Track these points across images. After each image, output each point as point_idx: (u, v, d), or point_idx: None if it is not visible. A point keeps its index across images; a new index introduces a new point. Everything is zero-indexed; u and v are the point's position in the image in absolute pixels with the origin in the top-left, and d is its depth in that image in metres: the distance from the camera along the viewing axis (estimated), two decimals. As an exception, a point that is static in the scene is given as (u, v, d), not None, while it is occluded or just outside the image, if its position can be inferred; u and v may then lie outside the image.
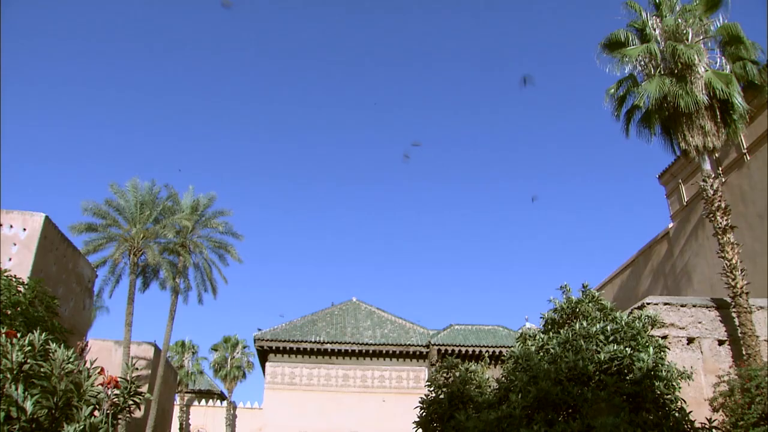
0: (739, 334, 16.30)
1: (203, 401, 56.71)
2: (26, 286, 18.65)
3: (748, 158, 23.05)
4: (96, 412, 4.71)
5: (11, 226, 24.00)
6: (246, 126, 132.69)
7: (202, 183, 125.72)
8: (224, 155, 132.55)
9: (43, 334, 4.89)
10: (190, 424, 54.37)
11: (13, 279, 18.43)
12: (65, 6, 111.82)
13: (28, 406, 4.01)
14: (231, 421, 53.53)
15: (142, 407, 33.04)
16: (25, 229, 24.16)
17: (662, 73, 19.14)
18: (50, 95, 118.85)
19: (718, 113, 18.67)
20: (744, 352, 15.91)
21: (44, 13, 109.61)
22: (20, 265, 22.72)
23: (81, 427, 4.14)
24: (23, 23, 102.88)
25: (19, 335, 4.76)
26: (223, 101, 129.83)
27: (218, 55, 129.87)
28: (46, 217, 24.75)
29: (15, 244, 23.75)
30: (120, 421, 5.17)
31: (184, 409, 54.39)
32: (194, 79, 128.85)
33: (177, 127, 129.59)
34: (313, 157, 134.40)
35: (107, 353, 33.49)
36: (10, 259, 23.07)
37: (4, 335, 4.61)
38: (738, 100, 18.39)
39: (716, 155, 20.22)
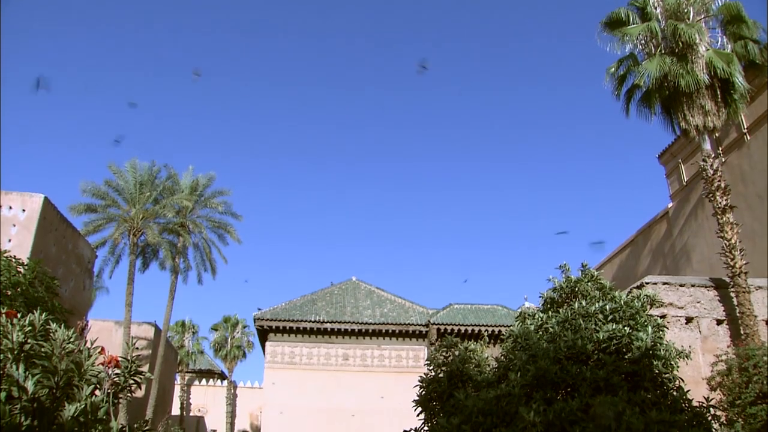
0: (738, 314, 16.36)
1: (204, 381, 57.03)
2: (26, 267, 18.67)
3: (749, 138, 23.00)
4: (97, 392, 4.73)
5: (10, 207, 23.98)
6: (245, 106, 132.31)
7: (201, 163, 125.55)
8: (223, 135, 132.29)
9: (44, 314, 4.89)
10: (191, 404, 54.73)
11: (13, 260, 18.44)
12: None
13: (30, 385, 4.02)
14: (231, 401, 53.87)
15: (143, 387, 33.29)
16: (24, 210, 24.13)
17: (663, 52, 19.05)
18: (48, 76, 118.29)
19: (718, 93, 18.61)
20: (742, 332, 15.98)
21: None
22: (20, 246, 22.73)
23: (82, 406, 4.16)
24: (22, 2, 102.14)
25: (19, 315, 4.77)
26: (222, 81, 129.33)
27: (215, 32, 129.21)
28: (45, 198, 24.73)
29: (14, 225, 23.75)
30: (121, 400, 5.20)
31: (185, 388, 54.71)
32: (192, 57, 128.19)
33: (176, 107, 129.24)
34: (311, 138, 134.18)
35: (108, 333, 33.63)
36: (9, 240, 23.07)
37: (4, 315, 4.62)
38: (739, 79, 18.32)
39: (716, 135, 20.19)
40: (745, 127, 23.01)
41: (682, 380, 10.72)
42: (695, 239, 25.96)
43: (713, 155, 18.43)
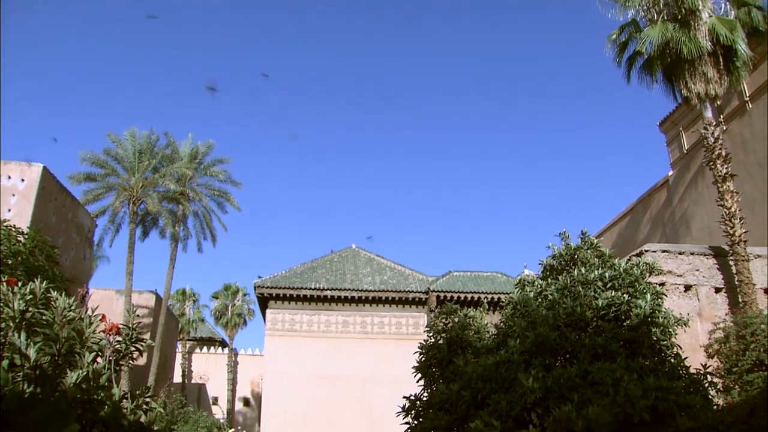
0: (736, 282, 16.41)
1: (205, 348, 57.40)
2: (26, 236, 18.64)
3: (750, 106, 22.87)
4: (98, 359, 4.76)
5: (9, 177, 23.89)
6: (244, 74, 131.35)
7: (200, 130, 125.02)
8: (222, 102, 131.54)
9: (44, 283, 4.90)
10: (192, 371, 55.16)
11: (13, 229, 18.40)
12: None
13: (32, 353, 4.04)
14: (232, 368, 54.30)
15: (145, 355, 33.54)
16: (23, 180, 24.05)
17: (665, 18, 18.85)
18: (46, 45, 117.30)
19: (721, 60, 18.44)
20: (740, 300, 16.04)
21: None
22: (19, 216, 22.69)
23: (84, 373, 4.19)
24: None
25: (20, 284, 4.77)
26: (220, 48, 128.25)
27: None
28: (44, 168, 24.63)
29: (14, 195, 23.68)
30: (123, 367, 5.24)
31: (186, 356, 55.11)
32: (191, 25, 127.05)
33: (174, 75, 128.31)
34: (310, 104, 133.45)
35: (109, 302, 33.76)
36: (9, 210, 23.03)
37: (5, 284, 4.63)
38: (741, 46, 18.15)
39: (718, 103, 20.06)
40: (747, 95, 22.86)
41: (680, 347, 10.79)
42: (695, 207, 25.95)
43: (714, 123, 18.35)
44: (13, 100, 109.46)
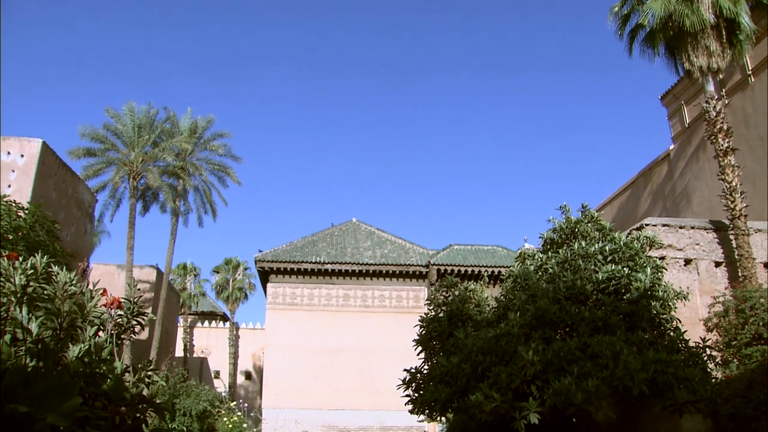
0: (736, 256, 16.41)
1: (206, 323, 57.65)
2: (26, 212, 18.61)
3: (753, 80, 22.71)
4: (100, 333, 4.77)
5: (9, 153, 23.80)
6: (243, 47, 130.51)
7: (200, 105, 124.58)
8: (221, 76, 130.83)
9: (45, 258, 4.90)
10: (194, 345, 55.47)
11: (13, 204, 18.35)
12: None
13: (33, 327, 4.05)
14: (234, 342, 54.58)
15: (147, 329, 33.66)
16: (23, 156, 23.96)
17: (668, -10, 18.65)
18: (45, 22, 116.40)
19: (723, 33, 18.27)
20: (740, 274, 16.04)
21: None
22: (20, 192, 22.63)
23: (86, 347, 4.20)
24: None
25: (21, 259, 4.77)
26: (218, 22, 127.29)
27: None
28: (44, 143, 24.52)
29: (13, 171, 23.62)
30: (125, 341, 5.26)
31: (188, 330, 55.35)
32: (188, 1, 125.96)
33: (173, 49, 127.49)
34: (310, 78, 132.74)
35: (110, 277, 33.80)
36: (9, 186, 22.96)
37: (5, 258, 4.62)
38: (745, 19, 17.97)
39: (720, 76, 19.91)
40: (750, 68, 22.69)
41: (680, 321, 10.86)
42: (696, 181, 25.90)
43: (716, 97, 18.21)
44: (12, 76, 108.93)
